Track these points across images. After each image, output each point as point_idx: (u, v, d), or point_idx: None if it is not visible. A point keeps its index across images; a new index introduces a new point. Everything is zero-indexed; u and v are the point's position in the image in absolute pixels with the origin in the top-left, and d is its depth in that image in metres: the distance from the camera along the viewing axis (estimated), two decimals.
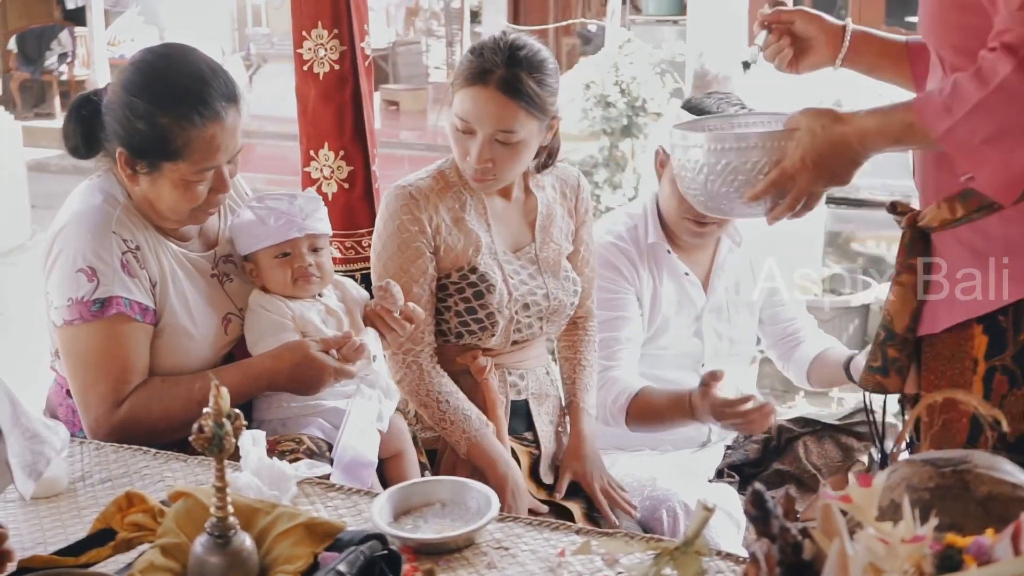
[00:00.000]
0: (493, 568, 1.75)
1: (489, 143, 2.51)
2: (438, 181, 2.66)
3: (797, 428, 3.04)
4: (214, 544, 1.53)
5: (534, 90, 2.49)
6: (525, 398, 2.74)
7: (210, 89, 2.28)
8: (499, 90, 2.47)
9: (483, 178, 2.56)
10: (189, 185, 2.30)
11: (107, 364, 2.27)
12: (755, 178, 1.94)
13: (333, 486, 2.03)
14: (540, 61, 2.52)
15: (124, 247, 2.30)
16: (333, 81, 3.01)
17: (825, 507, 1.24)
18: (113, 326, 2.26)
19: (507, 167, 2.55)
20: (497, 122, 2.49)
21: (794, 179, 1.90)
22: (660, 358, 3.01)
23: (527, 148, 2.55)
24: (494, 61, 2.48)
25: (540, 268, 2.72)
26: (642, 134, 7.31)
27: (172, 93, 2.27)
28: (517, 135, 2.50)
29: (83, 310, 2.25)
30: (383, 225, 2.64)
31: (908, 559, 1.16)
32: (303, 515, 1.63)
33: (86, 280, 2.25)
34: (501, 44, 2.51)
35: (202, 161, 2.28)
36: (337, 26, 2.98)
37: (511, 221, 2.73)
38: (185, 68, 2.31)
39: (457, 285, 2.62)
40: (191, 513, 1.62)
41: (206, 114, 2.26)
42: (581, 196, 2.84)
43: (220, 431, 1.49)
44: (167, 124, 2.25)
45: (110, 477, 2.08)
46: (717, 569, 1.71)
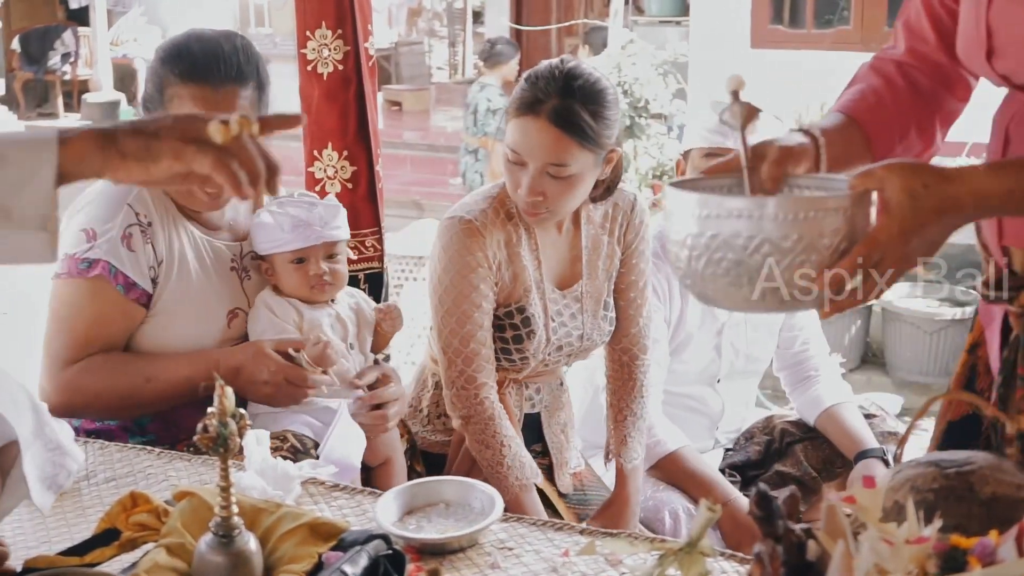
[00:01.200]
0: (497, 568, 1.75)
1: (540, 176, 2.39)
2: (497, 212, 2.52)
3: (799, 432, 3.04)
4: (219, 544, 1.53)
5: (588, 122, 2.37)
6: (538, 411, 2.72)
7: (214, 60, 2.33)
8: (551, 122, 2.36)
9: (535, 212, 2.44)
10: None
11: (72, 322, 2.33)
12: (829, 257, 1.48)
13: (337, 486, 2.03)
14: (597, 92, 2.40)
15: (134, 220, 2.34)
16: (337, 81, 3.00)
17: (829, 508, 1.24)
18: (91, 286, 2.30)
19: (560, 201, 2.43)
20: (548, 155, 2.37)
21: (884, 255, 1.49)
22: (678, 374, 2.98)
23: (581, 182, 2.43)
24: (547, 91, 2.37)
25: (583, 307, 2.62)
26: (644, 135, 7.31)
27: (179, 55, 2.35)
28: (569, 169, 2.39)
29: (72, 265, 2.30)
30: (442, 254, 2.51)
31: (912, 560, 1.16)
32: (307, 515, 1.63)
33: (85, 239, 2.31)
34: (556, 73, 2.39)
35: None
36: (341, 26, 2.97)
37: (560, 256, 2.62)
38: (203, 41, 2.38)
39: (499, 322, 2.54)
40: (196, 513, 1.62)
41: (196, 74, 2.31)
42: (633, 222, 2.67)
43: (225, 431, 1.49)
44: (163, 77, 2.34)
45: (114, 476, 2.08)
46: (721, 570, 1.71)
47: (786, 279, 1.48)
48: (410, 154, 12.59)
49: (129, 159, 1.42)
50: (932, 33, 1.86)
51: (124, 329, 2.36)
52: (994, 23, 1.69)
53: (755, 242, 1.46)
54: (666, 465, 2.77)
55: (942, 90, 1.87)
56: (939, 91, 1.86)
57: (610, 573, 1.72)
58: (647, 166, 7.33)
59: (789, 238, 1.45)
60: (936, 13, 1.86)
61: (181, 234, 2.40)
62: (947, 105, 1.88)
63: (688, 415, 3.02)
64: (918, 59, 1.88)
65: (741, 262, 1.48)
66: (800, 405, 3.11)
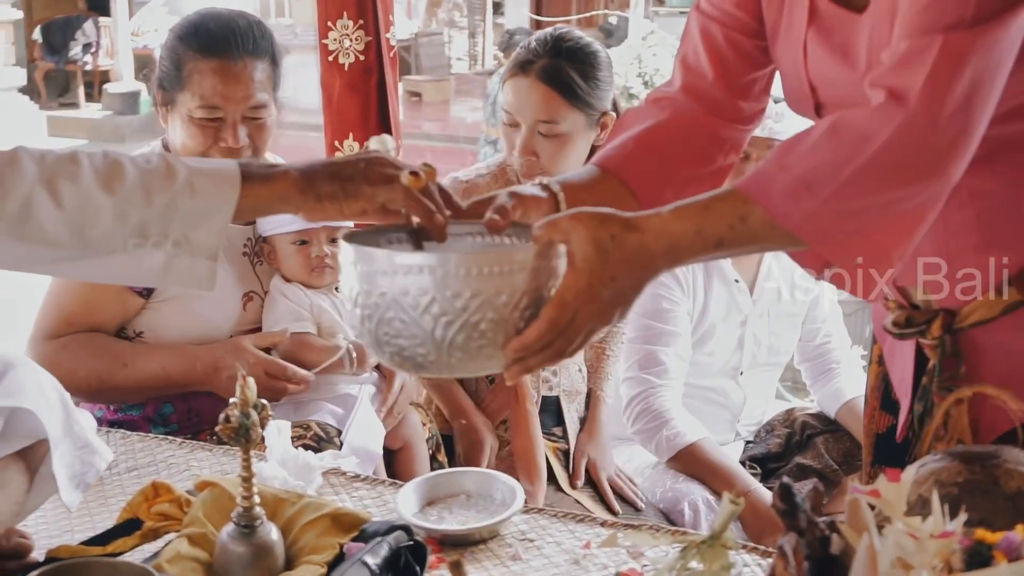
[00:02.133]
0: (518, 560, 1.75)
1: (532, 135, 2.50)
2: (497, 178, 2.65)
3: (819, 424, 3.03)
4: (240, 534, 1.53)
5: (577, 81, 2.47)
6: (557, 394, 2.74)
7: (231, 34, 2.37)
8: (540, 79, 2.48)
9: (530, 172, 2.53)
10: (196, 124, 2.35)
11: (64, 299, 2.35)
12: (509, 317, 1.37)
13: (358, 477, 2.03)
14: (587, 54, 2.52)
15: None
16: (358, 72, 3.01)
17: (853, 501, 1.23)
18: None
19: (553, 161, 2.52)
20: (538, 111, 2.48)
21: (576, 314, 1.38)
22: (701, 366, 2.97)
23: (573, 142, 2.52)
24: (538, 52, 2.50)
25: None
26: None
27: (196, 31, 2.39)
28: (560, 127, 2.49)
29: None
30: None
31: (937, 554, 1.15)
32: (329, 506, 1.63)
33: None
34: (548, 36, 2.52)
35: (204, 97, 2.34)
36: (362, 17, 2.98)
37: None
38: (219, 16, 2.41)
39: None
40: (217, 503, 1.62)
41: (217, 49, 2.34)
42: None
43: (247, 421, 1.49)
44: (181, 52, 2.37)
45: (136, 466, 2.08)
46: (743, 563, 1.71)
47: (461, 341, 1.35)
48: (430, 145, 12.60)
49: (325, 200, 1.52)
50: (711, 69, 1.79)
51: (115, 316, 2.38)
52: (814, 80, 1.67)
53: (425, 300, 1.34)
54: (686, 457, 2.76)
55: (722, 123, 1.81)
56: (719, 124, 1.81)
57: (632, 565, 1.71)
58: None
59: (462, 296, 1.34)
60: (718, 49, 1.79)
61: None
62: (729, 135, 1.82)
63: (709, 408, 3.01)
64: (695, 95, 1.80)
65: (413, 322, 1.36)
66: (821, 398, 3.10)
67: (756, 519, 2.60)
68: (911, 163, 1.39)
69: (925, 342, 1.71)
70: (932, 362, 1.70)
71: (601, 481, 2.66)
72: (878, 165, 1.37)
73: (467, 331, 1.35)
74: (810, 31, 1.63)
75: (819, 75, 1.66)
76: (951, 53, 1.37)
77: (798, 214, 1.38)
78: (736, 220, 1.40)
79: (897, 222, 1.40)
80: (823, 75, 1.65)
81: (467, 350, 1.37)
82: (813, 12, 1.62)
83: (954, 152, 1.39)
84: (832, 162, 1.39)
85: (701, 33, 1.81)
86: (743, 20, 1.76)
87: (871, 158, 1.37)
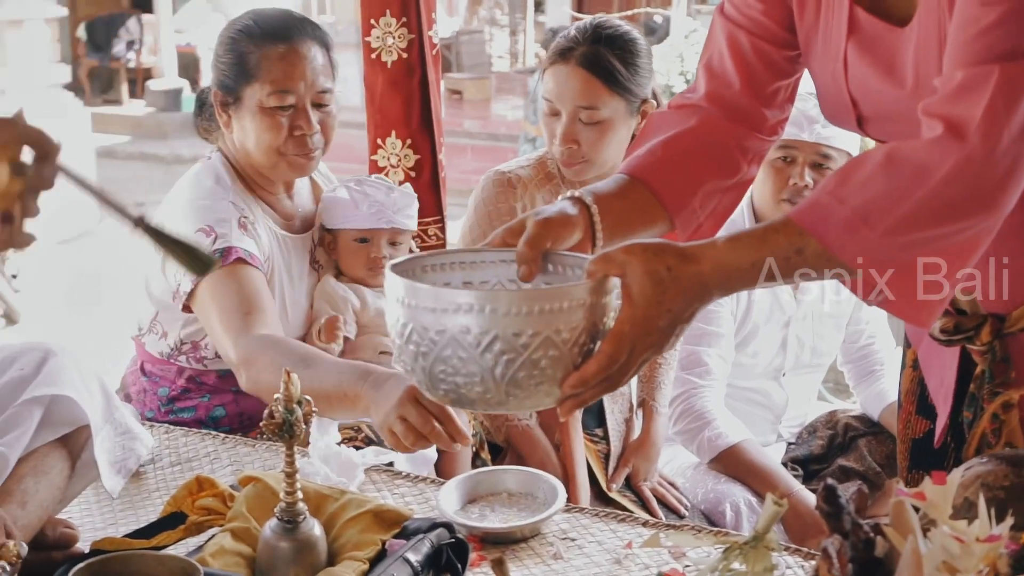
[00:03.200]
0: (559, 559, 1.75)
1: (573, 122, 2.51)
2: (538, 171, 2.67)
3: (862, 427, 3.01)
4: (283, 529, 1.55)
5: (616, 67, 2.48)
6: None
7: (292, 21, 2.40)
8: (580, 65, 2.49)
9: (571, 161, 2.56)
10: (269, 115, 2.34)
11: (232, 302, 2.22)
12: (568, 353, 1.37)
13: (400, 474, 2.04)
14: (626, 41, 2.53)
15: (239, 213, 2.34)
16: (401, 70, 3.02)
17: (898, 504, 1.22)
18: (233, 270, 2.24)
19: (594, 149, 2.54)
20: (578, 97, 2.49)
21: (634, 347, 1.40)
22: (744, 367, 2.96)
23: (613, 129, 2.53)
24: (577, 40, 2.51)
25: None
26: None
27: (255, 23, 2.39)
28: (600, 113, 2.50)
29: None
30: (474, 208, 2.66)
31: (983, 558, 1.14)
32: (371, 502, 1.64)
33: (205, 237, 2.26)
34: (587, 24, 2.54)
35: (276, 82, 2.33)
36: (405, 14, 2.99)
37: None
38: (273, 11, 2.43)
39: None
40: (261, 498, 1.64)
41: (281, 35, 2.35)
42: None
43: (291, 417, 1.50)
44: (245, 45, 2.36)
45: (180, 461, 2.10)
46: (786, 564, 1.70)
47: (521, 379, 1.35)
48: (471, 143, 12.61)
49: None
50: (738, 78, 1.75)
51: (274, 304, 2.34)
52: (855, 94, 1.65)
53: (487, 339, 1.33)
54: (728, 458, 2.75)
55: (747, 131, 1.77)
56: (743, 133, 1.77)
57: (673, 566, 1.71)
58: None
59: (523, 334, 1.33)
60: (744, 57, 1.75)
61: (271, 234, 2.42)
62: (752, 145, 1.79)
63: (751, 409, 3.00)
64: (720, 103, 1.77)
65: (472, 359, 1.34)
66: (864, 399, 3.08)
67: (798, 521, 2.58)
68: (969, 198, 1.38)
69: (974, 348, 1.69)
70: (980, 368, 1.69)
71: (642, 489, 2.66)
72: (936, 200, 1.37)
73: (527, 368, 1.35)
74: (850, 44, 1.61)
75: (861, 89, 1.64)
76: (1008, 84, 1.36)
77: (855, 247, 1.38)
78: (792, 252, 1.40)
79: (953, 252, 1.41)
80: (866, 89, 1.63)
81: (525, 387, 1.37)
82: (853, 24, 1.60)
83: (1009, 183, 1.39)
84: (889, 195, 1.38)
85: (727, 40, 1.77)
86: (772, 29, 1.73)
87: (929, 193, 1.37)
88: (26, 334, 6.30)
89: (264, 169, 2.42)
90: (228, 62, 2.38)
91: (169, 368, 2.43)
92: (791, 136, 2.70)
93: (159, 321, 2.41)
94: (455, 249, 1.59)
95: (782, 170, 2.73)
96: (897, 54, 1.55)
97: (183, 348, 2.41)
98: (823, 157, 2.71)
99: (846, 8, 1.59)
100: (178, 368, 2.43)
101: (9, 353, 1.81)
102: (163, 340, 2.42)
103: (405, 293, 1.37)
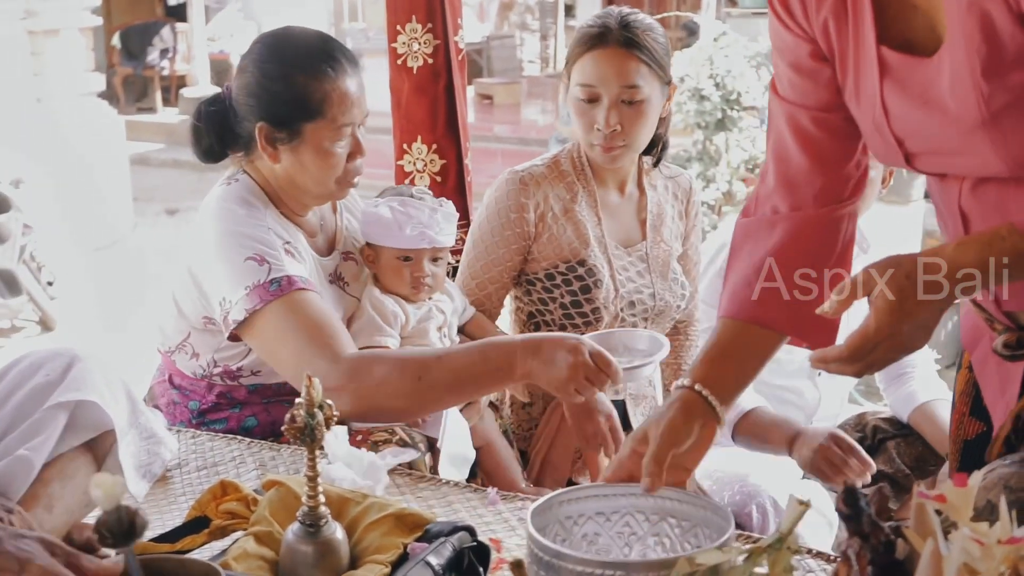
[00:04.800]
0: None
1: (615, 104, 2.55)
2: (552, 169, 2.71)
3: (891, 429, 2.99)
4: (306, 533, 1.55)
5: (651, 45, 2.55)
6: (623, 398, 2.74)
7: (335, 49, 2.34)
8: (621, 46, 2.54)
9: (612, 145, 2.59)
10: (330, 148, 2.30)
11: (308, 331, 2.18)
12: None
13: (423, 477, 2.04)
14: (650, 23, 2.60)
15: (282, 240, 2.30)
16: (427, 75, 3.03)
17: (919, 506, 1.21)
18: (296, 298, 2.20)
19: (635, 130, 2.58)
20: (622, 77, 2.54)
21: (877, 347, 1.53)
22: (781, 363, 2.93)
23: (651, 109, 2.58)
24: (608, 24, 2.55)
25: (649, 267, 2.73)
26: (736, 128, 7.23)
27: (303, 52, 2.32)
28: (642, 91, 2.54)
29: (262, 292, 2.19)
30: (486, 206, 2.70)
31: (1004, 561, 1.13)
32: (393, 506, 1.64)
33: (256, 265, 2.21)
34: (611, 12, 2.59)
35: (340, 116, 2.29)
36: (431, 20, 2.99)
37: (623, 217, 2.75)
38: (307, 34, 2.38)
39: (564, 277, 2.64)
40: (284, 502, 1.64)
41: (336, 67, 2.30)
42: (692, 199, 2.86)
43: (312, 421, 1.50)
44: (303, 81, 2.28)
45: (205, 465, 2.11)
46: (808, 568, 1.69)
47: None
48: (501, 147, 12.61)
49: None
50: (806, 158, 1.76)
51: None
52: (899, 133, 1.63)
53: None
54: (748, 425, 2.77)
55: (831, 209, 1.78)
56: (829, 212, 1.78)
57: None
58: (739, 159, 7.27)
59: None
60: (807, 134, 1.75)
61: (307, 252, 2.40)
62: (843, 215, 1.80)
63: (782, 407, 2.98)
64: (795, 191, 1.77)
65: None
66: (894, 401, 3.06)
67: (813, 456, 2.63)
68: None
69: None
70: None
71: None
72: None
73: None
74: (884, 85, 1.60)
75: (904, 128, 1.63)
76: None
77: None
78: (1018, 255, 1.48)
79: None
80: (908, 127, 1.62)
81: None
82: (883, 65, 1.59)
83: None
84: None
85: (788, 122, 1.76)
86: (825, 97, 1.72)
87: None
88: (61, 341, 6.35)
89: (308, 197, 2.39)
90: (285, 97, 2.29)
91: (199, 384, 2.40)
92: None
93: (190, 342, 2.37)
94: (588, 485, 1.68)
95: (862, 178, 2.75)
96: (931, 85, 1.55)
97: (215, 370, 2.37)
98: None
99: (874, 51, 1.59)
100: (208, 383, 2.39)
101: (35, 359, 1.82)
102: (194, 360, 2.38)
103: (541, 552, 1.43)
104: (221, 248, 2.25)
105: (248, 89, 2.34)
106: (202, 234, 2.31)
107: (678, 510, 1.59)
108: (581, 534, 1.60)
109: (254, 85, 2.32)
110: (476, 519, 1.87)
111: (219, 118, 2.39)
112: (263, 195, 2.37)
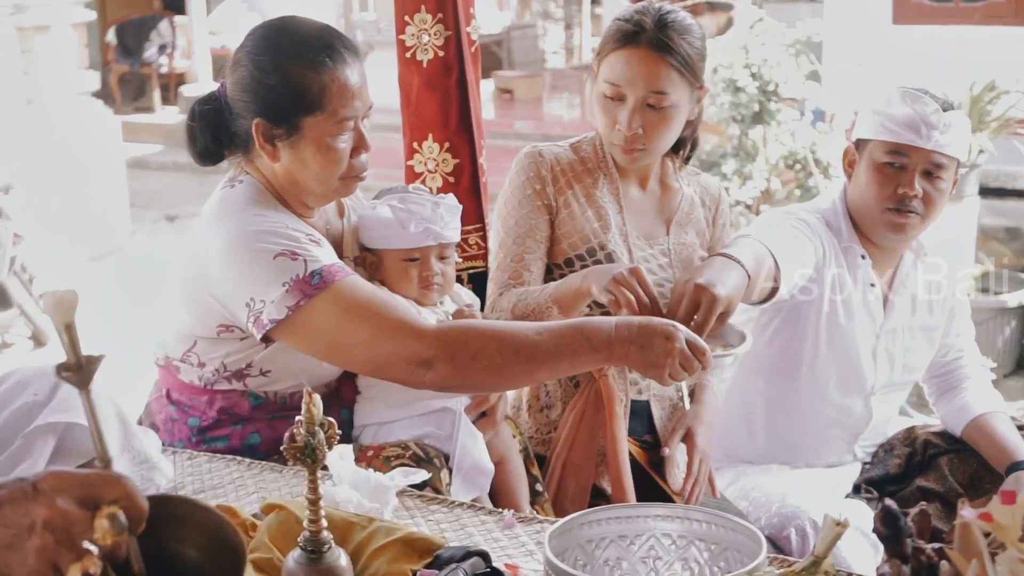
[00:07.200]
0: None
1: (640, 108, 2.58)
2: (573, 152, 2.77)
3: (943, 444, 2.97)
4: (307, 560, 1.55)
5: (685, 50, 2.56)
6: (646, 398, 2.76)
7: (332, 38, 2.34)
8: (652, 49, 2.56)
9: (632, 147, 2.63)
10: (331, 143, 2.30)
11: (370, 312, 2.19)
12: None
13: (435, 498, 2.05)
14: (688, 25, 2.61)
15: (303, 233, 2.30)
16: (437, 68, 3.01)
17: (963, 526, 1.21)
18: (345, 285, 2.20)
19: (657, 135, 2.62)
20: (650, 82, 2.56)
21: None
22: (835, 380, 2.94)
23: (678, 115, 2.62)
24: (643, 23, 2.57)
25: (672, 261, 2.75)
26: (775, 121, 7.19)
27: (298, 42, 2.32)
28: (669, 98, 2.57)
29: (304, 287, 2.18)
30: (509, 183, 2.75)
31: None
32: (401, 530, 1.64)
33: (290, 261, 2.21)
34: (649, 8, 2.60)
35: (340, 108, 2.29)
36: (441, 10, 2.98)
37: (645, 212, 2.78)
38: (303, 23, 2.38)
39: (584, 262, 2.67)
40: (284, 527, 1.65)
41: (335, 57, 2.30)
42: (721, 208, 2.88)
43: (312, 440, 1.51)
44: (299, 71, 2.28)
45: (203, 488, 2.12)
46: None
47: None
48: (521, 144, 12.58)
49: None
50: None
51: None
52: None
53: None
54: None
55: None
56: None
57: None
58: (778, 154, 7.21)
59: None
60: None
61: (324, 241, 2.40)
62: None
63: (826, 427, 2.97)
64: None
65: None
66: (945, 415, 3.03)
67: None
68: None
69: None
70: None
71: (694, 455, 2.68)
72: None
73: None
74: None
75: None
76: None
77: None
78: None
79: None
80: None
81: None
82: None
83: None
84: None
85: None
86: None
87: None
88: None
89: (311, 197, 2.40)
90: (280, 90, 2.29)
91: (199, 398, 2.40)
92: (907, 141, 2.69)
93: (195, 352, 2.37)
94: (611, 506, 1.71)
95: (891, 176, 2.73)
96: None
97: (223, 374, 2.37)
98: (935, 166, 2.72)
99: None
100: (209, 398, 2.39)
101: (22, 377, 1.84)
102: (199, 369, 2.38)
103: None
104: (242, 250, 2.24)
105: (243, 84, 2.34)
106: (211, 240, 2.30)
107: (707, 533, 1.60)
108: (603, 559, 1.61)
109: (248, 79, 2.33)
110: (491, 543, 1.88)
111: (214, 117, 2.39)
112: (270, 196, 2.37)
